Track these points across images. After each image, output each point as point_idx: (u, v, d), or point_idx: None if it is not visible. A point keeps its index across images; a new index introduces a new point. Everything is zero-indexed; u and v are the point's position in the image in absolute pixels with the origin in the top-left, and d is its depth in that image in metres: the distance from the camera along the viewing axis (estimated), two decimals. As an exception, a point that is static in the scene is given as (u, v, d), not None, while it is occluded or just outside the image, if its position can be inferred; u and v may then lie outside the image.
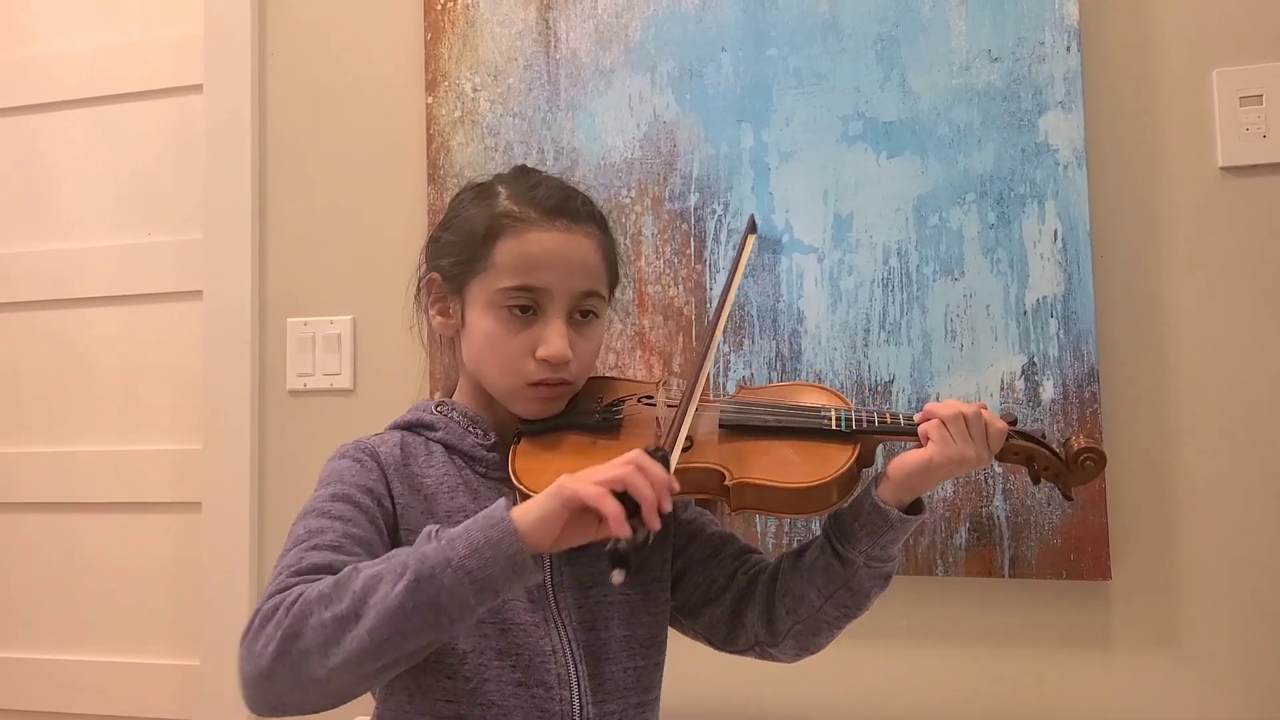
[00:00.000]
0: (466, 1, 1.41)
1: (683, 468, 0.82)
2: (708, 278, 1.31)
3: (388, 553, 0.75)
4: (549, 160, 1.36)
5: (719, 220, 1.31)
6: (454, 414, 0.92)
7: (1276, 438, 1.15)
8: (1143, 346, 1.20)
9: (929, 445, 0.83)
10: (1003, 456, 0.87)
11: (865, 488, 0.86)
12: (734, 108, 1.31)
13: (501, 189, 0.91)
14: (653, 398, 0.91)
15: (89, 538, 1.61)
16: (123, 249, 1.62)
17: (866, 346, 1.25)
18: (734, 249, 1.27)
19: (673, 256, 1.32)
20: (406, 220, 1.44)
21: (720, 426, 0.88)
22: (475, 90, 1.41)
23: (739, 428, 0.88)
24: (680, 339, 1.31)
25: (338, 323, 1.47)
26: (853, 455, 0.85)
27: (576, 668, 0.84)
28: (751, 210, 1.29)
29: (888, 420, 0.87)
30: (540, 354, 0.86)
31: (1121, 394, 1.19)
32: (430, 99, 1.42)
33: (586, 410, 0.91)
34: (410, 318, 0.98)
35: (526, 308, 0.87)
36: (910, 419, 0.86)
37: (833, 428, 0.86)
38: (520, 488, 0.84)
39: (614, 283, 0.95)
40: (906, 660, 1.24)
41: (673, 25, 1.33)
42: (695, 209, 1.31)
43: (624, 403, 0.92)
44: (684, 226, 1.32)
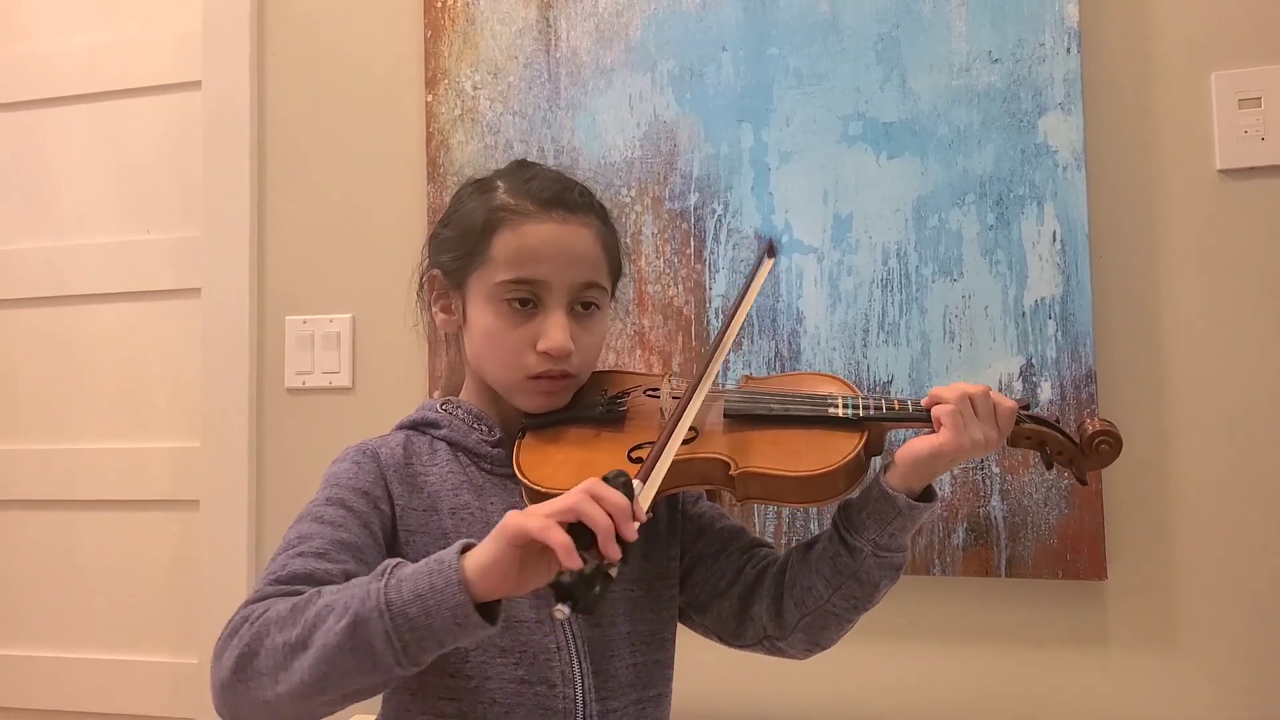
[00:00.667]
0: (467, -1, 1.41)
1: (688, 458, 0.81)
2: (707, 277, 1.31)
3: (371, 568, 0.74)
4: (549, 159, 1.36)
5: (719, 220, 1.31)
6: (459, 411, 0.92)
7: (1273, 439, 1.16)
8: (1140, 348, 1.20)
9: (939, 433, 0.81)
10: (1014, 441, 0.84)
11: (874, 476, 0.85)
12: (734, 107, 1.31)
13: (499, 183, 0.91)
14: (658, 390, 0.90)
15: (87, 535, 1.61)
16: (121, 246, 1.62)
17: (865, 347, 1.25)
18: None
19: (673, 256, 1.32)
20: (406, 218, 1.44)
21: (725, 416, 0.87)
22: (475, 88, 1.40)
23: (744, 417, 0.86)
24: (680, 338, 1.31)
25: (337, 321, 1.47)
26: (860, 443, 0.83)
27: (580, 664, 0.83)
28: (753, 209, 1.29)
29: (895, 407, 0.85)
30: (541, 347, 0.86)
31: (1119, 395, 1.20)
32: (430, 97, 1.42)
33: (591, 403, 0.90)
34: (412, 315, 0.98)
35: (526, 300, 0.87)
36: (919, 405, 0.85)
37: (840, 415, 0.85)
38: (525, 482, 0.84)
39: (616, 274, 0.94)
40: (903, 659, 1.24)
41: (673, 24, 1.33)
42: (695, 208, 1.32)
43: (629, 395, 0.91)
44: (684, 226, 1.32)
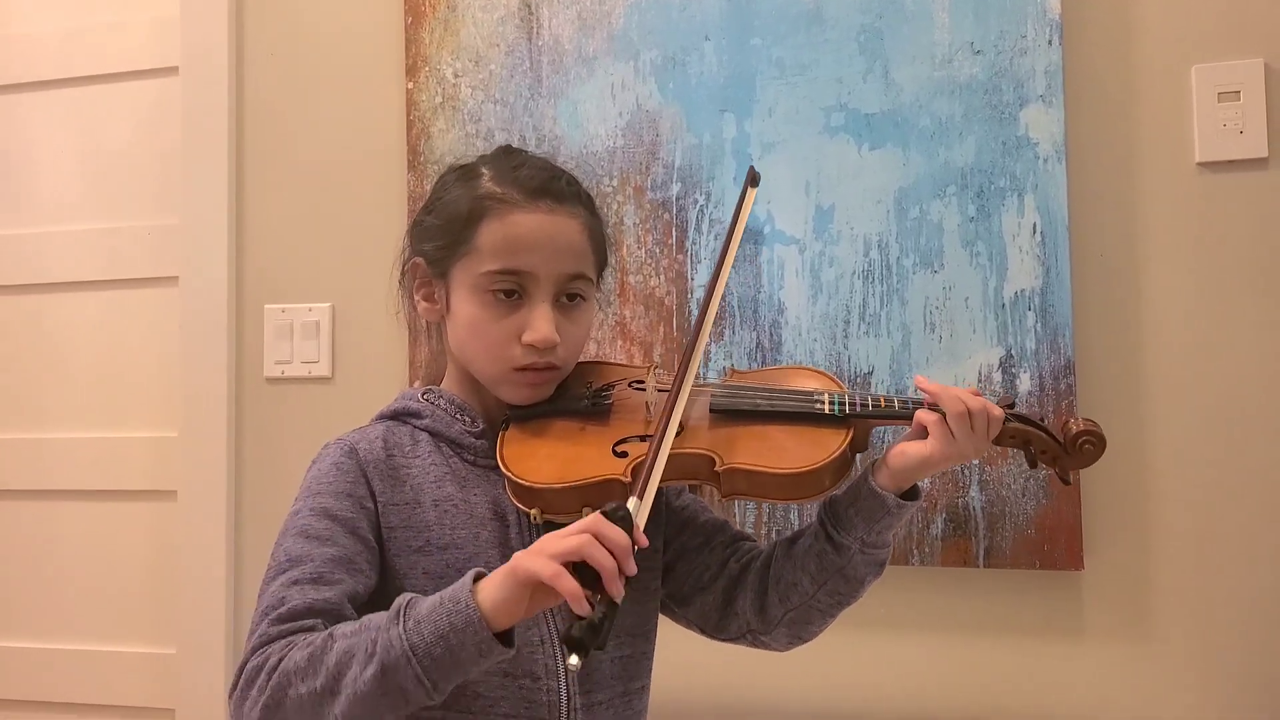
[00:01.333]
0: (448, -14, 1.40)
1: (673, 453, 0.80)
2: (689, 268, 1.31)
3: (366, 575, 0.79)
4: (530, 148, 1.34)
5: (701, 210, 1.31)
6: (441, 401, 0.91)
7: (1250, 431, 1.17)
8: (1119, 340, 1.21)
9: (929, 441, 0.81)
10: (999, 440, 0.84)
11: (862, 474, 0.85)
12: (717, 97, 1.30)
13: (485, 170, 0.90)
14: (643, 382, 0.90)
15: (64, 526, 1.59)
16: (97, 233, 1.60)
17: (846, 338, 1.25)
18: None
19: (654, 246, 1.32)
20: (386, 207, 1.43)
21: (711, 411, 0.86)
22: (456, 76, 1.39)
23: (730, 412, 0.86)
24: (661, 329, 1.31)
25: (316, 310, 1.46)
26: (846, 439, 0.83)
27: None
28: (734, 200, 1.29)
29: (881, 404, 0.85)
30: (526, 339, 0.85)
31: (1097, 387, 1.20)
32: (411, 84, 1.41)
33: (575, 395, 0.89)
34: (393, 304, 0.97)
35: (511, 291, 0.86)
36: (905, 403, 0.85)
37: (825, 412, 0.84)
38: (509, 475, 0.83)
39: (602, 265, 0.93)
40: (881, 649, 1.25)
41: (656, 13, 1.33)
42: (677, 198, 1.31)
43: (614, 387, 0.91)
44: (666, 216, 1.31)
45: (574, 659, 0.66)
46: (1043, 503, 1.19)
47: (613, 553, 0.69)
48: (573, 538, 0.69)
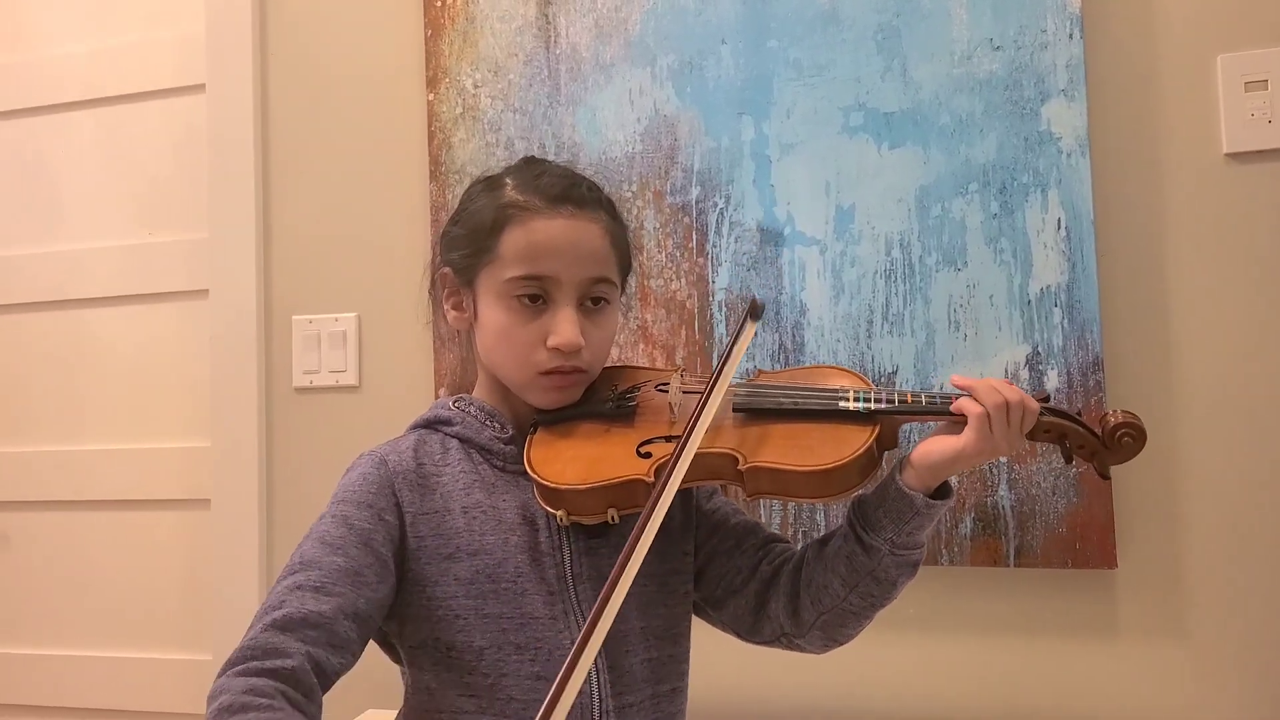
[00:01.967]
0: (466, -3, 1.41)
1: (697, 453, 0.80)
2: (709, 271, 1.31)
3: (370, 588, 0.79)
4: (550, 155, 1.35)
5: (720, 213, 1.31)
6: (471, 408, 0.92)
7: (1282, 424, 1.15)
8: (1147, 335, 1.19)
9: (964, 435, 0.79)
10: (1033, 435, 0.82)
11: (890, 473, 0.84)
12: (734, 100, 1.30)
13: (508, 180, 0.91)
14: (668, 385, 0.90)
15: (99, 535, 1.62)
16: (128, 249, 1.63)
17: (870, 338, 1.25)
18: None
19: (675, 250, 1.32)
20: (409, 217, 1.44)
21: (735, 410, 0.86)
22: (476, 86, 1.41)
23: (755, 411, 0.86)
24: (683, 332, 1.31)
25: (343, 320, 1.48)
26: (871, 436, 0.82)
27: (595, 660, 0.82)
28: (754, 202, 1.29)
29: (909, 400, 0.84)
30: (551, 343, 0.86)
31: (1126, 382, 1.19)
32: (431, 95, 1.42)
33: (601, 398, 0.90)
34: (421, 313, 0.98)
35: (536, 297, 0.87)
36: (933, 399, 0.83)
37: (851, 408, 0.83)
38: (536, 478, 0.84)
39: (625, 269, 0.94)
40: (912, 649, 1.24)
41: (672, 18, 1.33)
42: (697, 202, 1.31)
43: (639, 389, 0.91)
44: (685, 220, 1.32)
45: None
46: (1073, 500, 1.17)
47: None
48: None
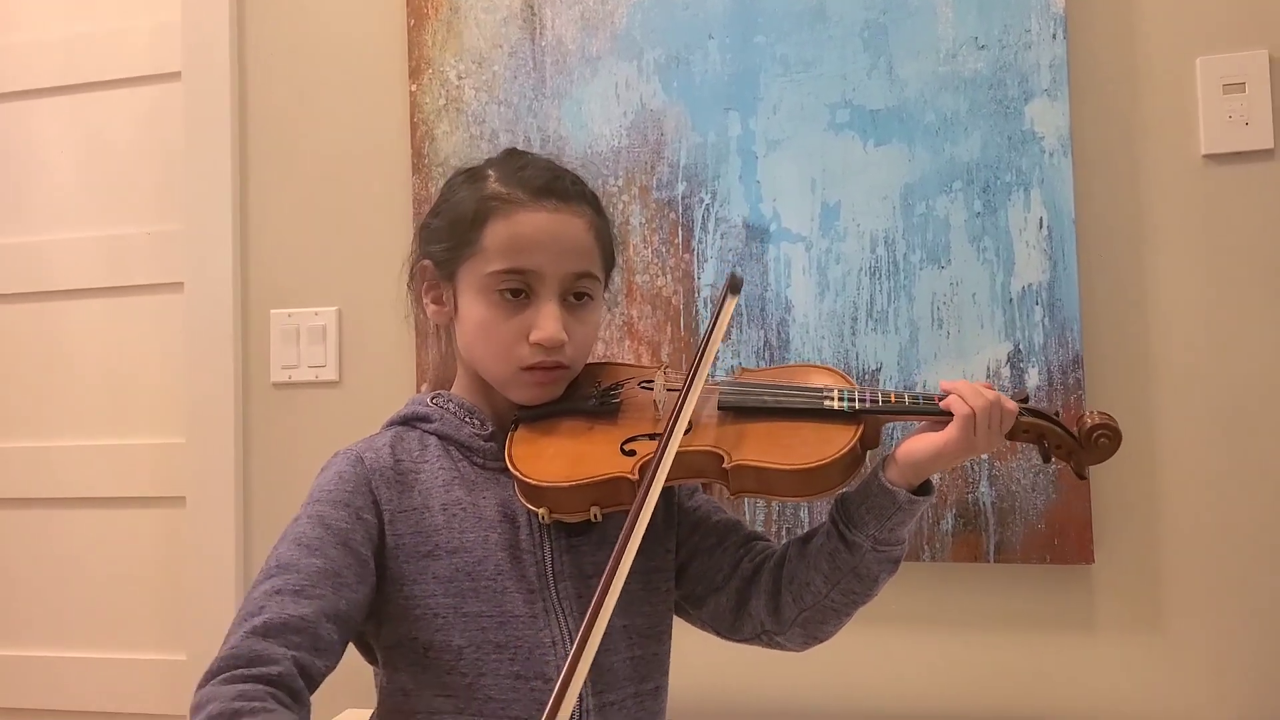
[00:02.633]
0: (450, -12, 1.40)
1: (681, 451, 0.79)
2: (695, 267, 1.31)
3: (350, 589, 0.78)
4: (535, 149, 1.34)
5: (706, 209, 1.30)
6: (450, 405, 0.90)
7: (1259, 423, 1.17)
8: (1127, 333, 1.21)
9: (946, 433, 0.80)
10: (1012, 435, 0.83)
11: (872, 470, 0.84)
12: (721, 96, 1.30)
13: (490, 171, 0.89)
14: (652, 382, 0.89)
15: (72, 533, 1.59)
16: (101, 240, 1.60)
17: (854, 335, 1.25)
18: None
19: (660, 246, 1.32)
20: (391, 210, 1.42)
21: (719, 408, 0.86)
22: (460, 77, 1.39)
23: (738, 409, 0.86)
24: (669, 328, 1.31)
25: (322, 314, 1.46)
26: (855, 436, 0.82)
27: None
28: (740, 198, 1.29)
29: (892, 400, 0.84)
30: (534, 338, 0.85)
31: (1106, 380, 1.20)
32: (414, 86, 1.41)
33: (584, 395, 0.89)
34: (401, 307, 0.96)
35: (518, 291, 0.85)
36: (916, 399, 0.84)
37: (835, 408, 0.84)
38: (516, 474, 0.83)
39: (609, 264, 0.93)
40: (893, 645, 1.25)
41: (659, 12, 1.33)
42: (683, 198, 1.31)
43: (622, 386, 0.90)
44: (671, 215, 1.31)
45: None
46: (1052, 497, 1.19)
47: None
48: None
